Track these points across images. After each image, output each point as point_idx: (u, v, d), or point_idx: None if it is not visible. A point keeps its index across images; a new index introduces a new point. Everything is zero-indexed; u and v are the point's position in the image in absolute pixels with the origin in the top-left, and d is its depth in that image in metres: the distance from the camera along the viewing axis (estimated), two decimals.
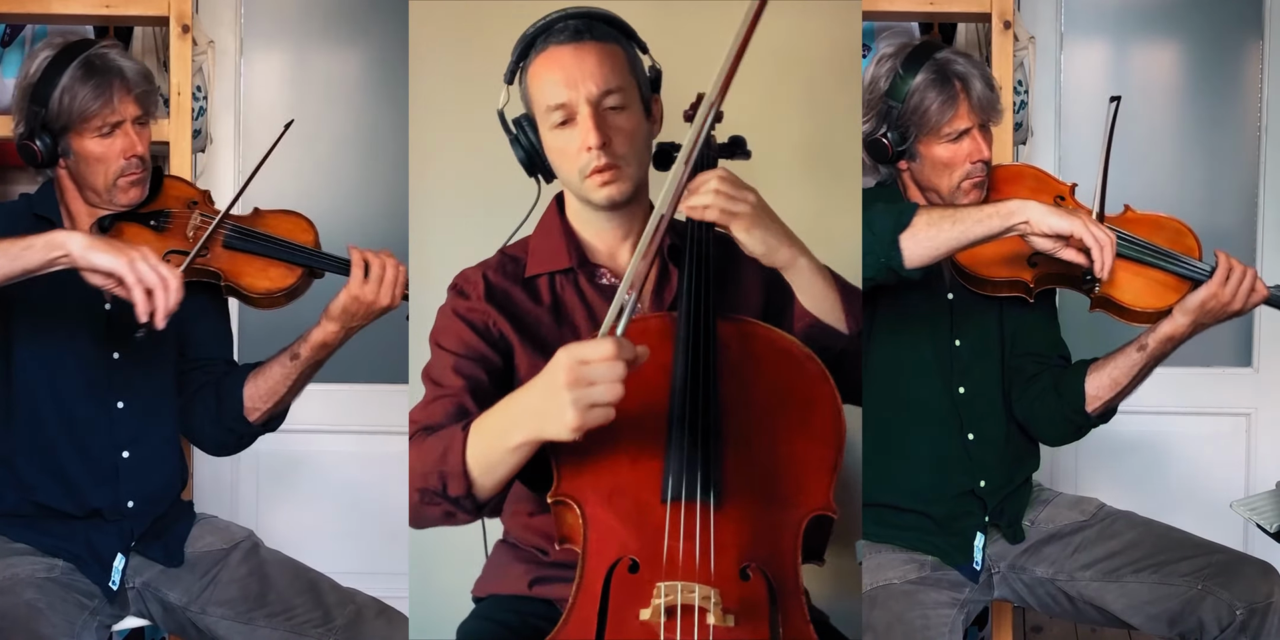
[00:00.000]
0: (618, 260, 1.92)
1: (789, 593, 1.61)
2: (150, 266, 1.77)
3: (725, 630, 1.55)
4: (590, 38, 1.81)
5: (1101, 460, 3.04)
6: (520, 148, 1.89)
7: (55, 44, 1.99)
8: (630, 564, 1.60)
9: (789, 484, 1.67)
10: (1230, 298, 1.99)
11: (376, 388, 2.90)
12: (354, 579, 2.12)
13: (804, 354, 1.73)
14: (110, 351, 2.05)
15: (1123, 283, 2.03)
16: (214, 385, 2.10)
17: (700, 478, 1.61)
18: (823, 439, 1.68)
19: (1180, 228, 2.09)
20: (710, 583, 1.57)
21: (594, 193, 1.83)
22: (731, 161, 1.93)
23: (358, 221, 2.93)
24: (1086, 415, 2.10)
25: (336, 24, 3.04)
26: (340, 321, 1.98)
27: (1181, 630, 2.03)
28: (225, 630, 2.05)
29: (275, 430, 2.14)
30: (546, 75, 1.81)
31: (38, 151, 1.97)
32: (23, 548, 2.03)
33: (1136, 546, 2.09)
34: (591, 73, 1.80)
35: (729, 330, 1.74)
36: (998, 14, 2.51)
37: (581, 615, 1.58)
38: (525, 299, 1.90)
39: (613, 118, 1.81)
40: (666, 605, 1.54)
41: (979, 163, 2.05)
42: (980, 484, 2.11)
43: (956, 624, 2.04)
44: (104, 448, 2.06)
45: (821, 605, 1.95)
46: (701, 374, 1.67)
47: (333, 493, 2.98)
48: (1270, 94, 2.99)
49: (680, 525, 1.60)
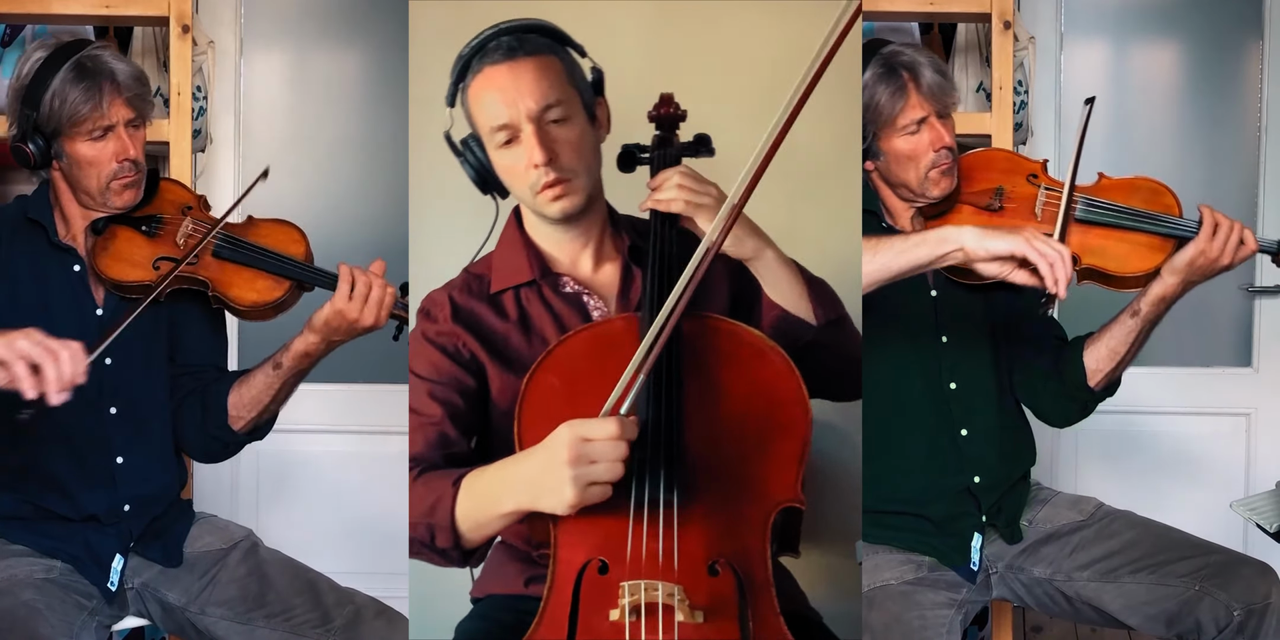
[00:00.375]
0: (579, 268, 1.93)
1: (758, 586, 1.62)
2: (31, 342, 1.71)
3: (694, 627, 1.56)
4: (523, 53, 1.81)
5: (1101, 460, 3.04)
6: (470, 168, 1.90)
7: (49, 45, 1.98)
8: (600, 565, 1.61)
9: (756, 477, 1.67)
10: (1219, 253, 1.95)
11: (376, 388, 2.91)
12: (353, 579, 2.12)
13: (768, 347, 1.72)
14: (103, 358, 2.04)
15: (1105, 250, 2.01)
16: (201, 392, 2.09)
17: (664, 476, 1.62)
18: (789, 431, 1.68)
19: (1156, 187, 2.06)
20: (677, 580, 1.58)
21: (548, 208, 1.84)
22: (695, 159, 1.94)
23: (357, 222, 2.93)
24: (1090, 390, 2.08)
25: (336, 24, 3.04)
26: (321, 334, 1.97)
27: (1179, 631, 2.03)
28: (224, 630, 2.05)
29: (261, 439, 2.13)
30: (485, 96, 1.82)
31: (31, 154, 1.96)
32: (21, 549, 2.03)
33: (1134, 546, 2.08)
34: (529, 90, 1.80)
35: (693, 328, 1.74)
36: (998, 14, 2.52)
37: (553, 617, 1.60)
38: (492, 316, 1.91)
39: (556, 131, 1.82)
40: (633, 605, 1.56)
41: (943, 150, 2.04)
42: (974, 480, 2.11)
43: (954, 624, 2.04)
44: (98, 454, 2.05)
45: (821, 606, 1.95)
46: (664, 371, 1.67)
47: (332, 493, 2.98)
48: (1270, 94, 2.99)
49: (644, 525, 1.61)
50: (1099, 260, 2.00)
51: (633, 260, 1.92)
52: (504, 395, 1.87)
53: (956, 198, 2.08)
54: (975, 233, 1.83)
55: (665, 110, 1.94)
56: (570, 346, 1.73)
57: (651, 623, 1.56)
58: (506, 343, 1.89)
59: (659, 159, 1.90)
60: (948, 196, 2.07)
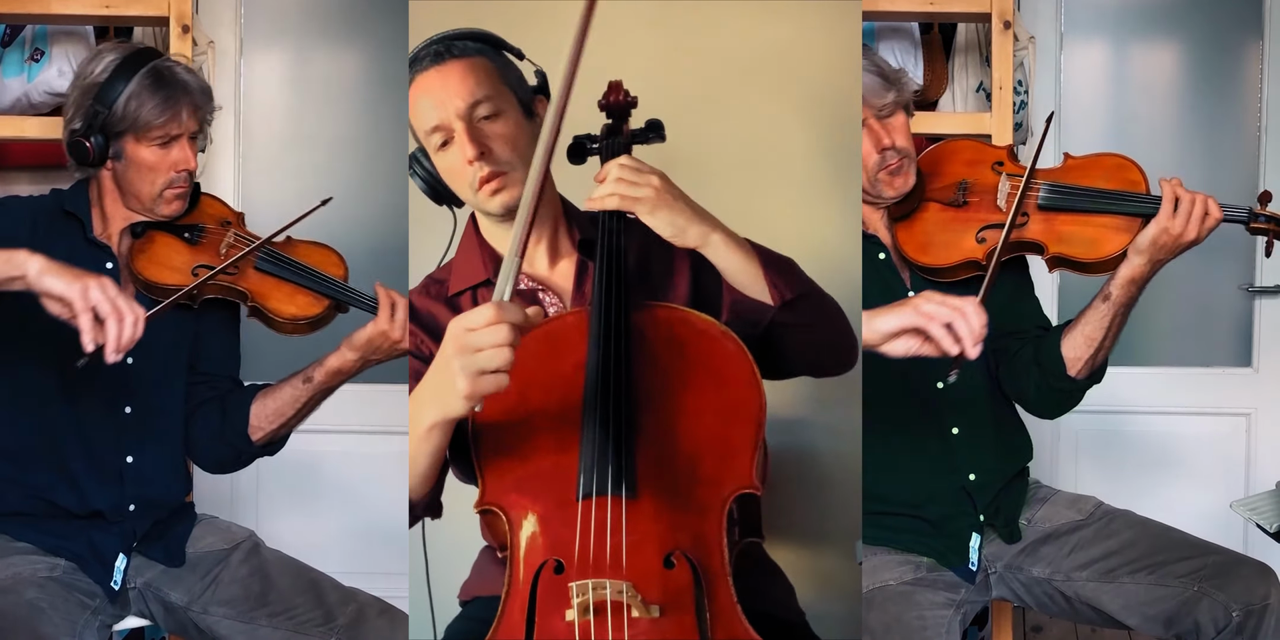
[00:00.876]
0: (535, 265, 1.94)
1: (714, 576, 1.61)
2: (105, 296, 1.75)
3: (651, 622, 1.55)
4: (451, 57, 1.84)
5: (1101, 459, 3.04)
6: (420, 180, 1.92)
7: (118, 47, 2.02)
8: (555, 565, 1.61)
9: (711, 465, 1.66)
10: (1182, 228, 1.92)
11: (376, 388, 2.90)
12: (353, 579, 2.12)
13: (719, 332, 1.71)
14: (125, 357, 2.04)
15: (1072, 236, 1.98)
16: (219, 400, 2.11)
17: (611, 471, 1.61)
18: (742, 416, 1.67)
19: (1121, 162, 2.02)
20: (629, 576, 1.57)
21: (488, 203, 1.85)
22: (646, 147, 1.93)
23: (357, 222, 2.93)
24: (1071, 379, 2.06)
25: (336, 24, 3.04)
26: (361, 352, 2.00)
27: (1178, 631, 2.02)
28: (227, 630, 2.05)
29: (273, 455, 2.15)
30: (419, 101, 1.85)
31: (90, 149, 1.98)
32: (25, 547, 2.03)
33: (1133, 546, 2.08)
34: (455, 89, 1.82)
35: (645, 318, 1.73)
36: (998, 14, 2.52)
37: (511, 620, 1.59)
38: (449, 316, 1.90)
39: (488, 127, 1.83)
40: (584, 604, 1.55)
41: (886, 151, 2.01)
42: (969, 478, 2.11)
43: (953, 625, 2.04)
44: (109, 451, 2.06)
45: (821, 606, 1.96)
46: (613, 366, 1.66)
47: (332, 493, 2.98)
48: (1270, 94, 2.99)
49: (591, 521, 1.60)
50: (1067, 248, 1.98)
51: (584, 254, 1.92)
52: None
53: (921, 195, 2.06)
54: (865, 317, 1.78)
55: (614, 98, 1.89)
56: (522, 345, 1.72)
57: (612, 622, 1.55)
58: None
59: (608, 148, 1.88)
60: (912, 195, 2.05)
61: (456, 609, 1.97)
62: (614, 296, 1.72)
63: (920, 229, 2.06)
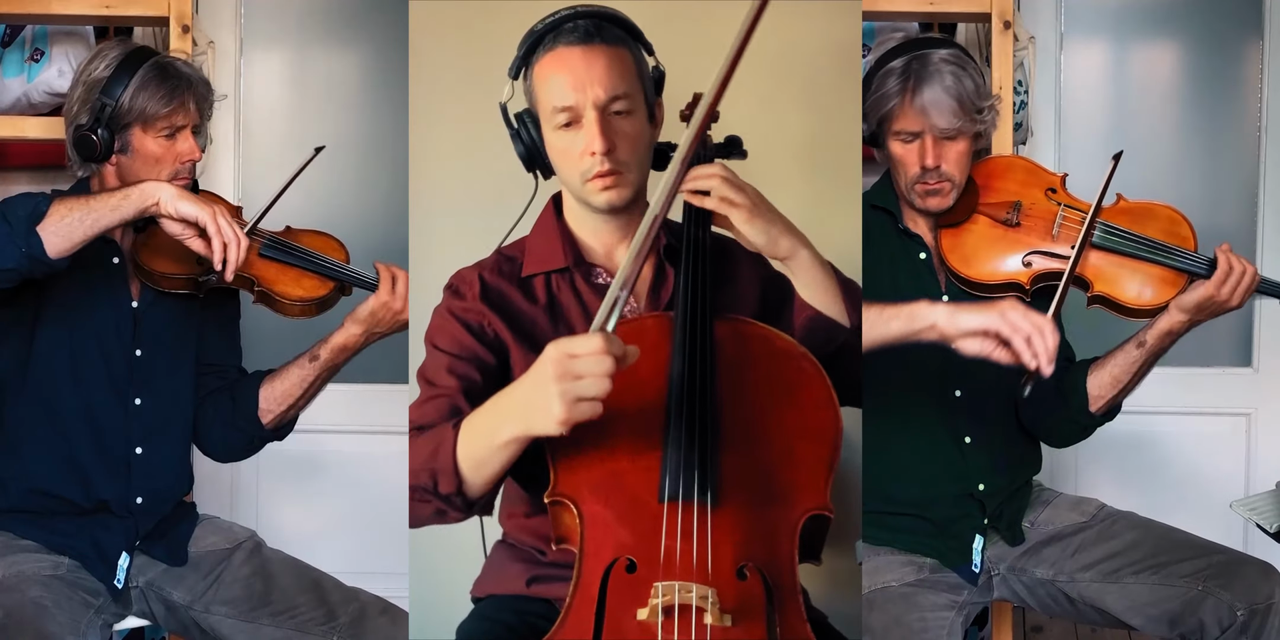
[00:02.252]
0: (614, 260, 1.92)
1: (786, 593, 1.61)
2: (228, 222, 1.91)
3: (723, 630, 1.55)
4: (600, 40, 1.80)
5: (1102, 460, 3.04)
6: (521, 143, 1.88)
7: (120, 44, 2.06)
8: (628, 564, 1.60)
9: (786, 483, 1.67)
10: (1229, 296, 1.98)
11: (376, 388, 2.90)
12: (354, 578, 2.12)
13: (799, 353, 1.72)
14: (134, 349, 2.08)
15: (1119, 279, 2.02)
16: (228, 388, 2.13)
17: (697, 477, 1.61)
18: (819, 437, 1.68)
19: (1174, 216, 2.07)
20: (708, 582, 1.57)
21: (595, 197, 1.83)
22: (728, 161, 1.93)
23: (357, 222, 2.93)
24: (1091, 415, 2.10)
25: (336, 24, 3.04)
26: (365, 325, 2.02)
27: (1182, 631, 2.03)
28: (229, 629, 2.05)
29: (281, 440, 2.17)
30: (554, 76, 1.80)
31: (97, 143, 2.01)
32: (29, 545, 2.04)
33: (1137, 547, 2.08)
34: (600, 77, 1.79)
35: (725, 330, 1.74)
36: (998, 14, 2.52)
37: (579, 615, 1.58)
38: (521, 298, 1.89)
39: (618, 123, 1.80)
40: (664, 605, 1.54)
41: (929, 170, 2.02)
42: (979, 488, 2.11)
43: (955, 626, 2.04)
44: (118, 442, 2.08)
45: (821, 606, 1.95)
46: (698, 373, 1.67)
47: (333, 492, 2.98)
48: (1270, 94, 2.99)
49: (678, 525, 1.60)
50: (1111, 289, 2.01)
51: (667, 259, 1.91)
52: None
53: (973, 206, 2.07)
54: (947, 310, 1.78)
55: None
56: None
57: (681, 624, 1.55)
58: (534, 326, 1.88)
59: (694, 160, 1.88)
60: (962, 204, 2.06)
61: (458, 608, 1.97)
62: (700, 304, 1.72)
63: (967, 241, 2.07)
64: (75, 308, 2.02)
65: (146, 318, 2.09)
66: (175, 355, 2.12)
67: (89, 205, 1.86)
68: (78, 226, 1.85)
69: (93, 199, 1.88)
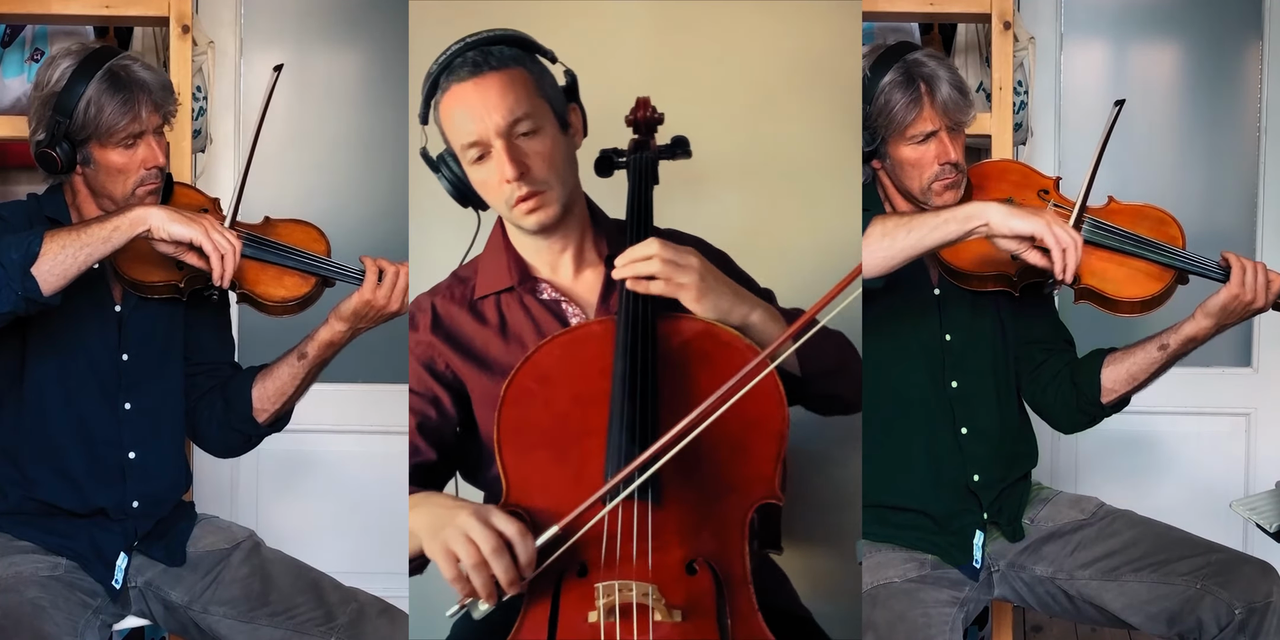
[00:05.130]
0: (559, 275, 1.96)
1: (737, 584, 1.62)
2: (220, 234, 1.90)
3: (673, 626, 1.57)
4: (489, 68, 1.82)
5: (1101, 459, 3.04)
6: (447, 182, 1.92)
7: (73, 52, 1.99)
8: (579, 568, 1.62)
9: (734, 475, 1.68)
10: (1252, 295, 1.99)
11: (376, 388, 2.90)
12: (354, 578, 2.12)
13: (744, 345, 1.74)
14: (120, 353, 2.06)
15: (1106, 273, 2.02)
16: (220, 389, 2.12)
17: (637, 476, 1.62)
18: (765, 428, 1.70)
19: (1162, 216, 2.07)
20: (654, 580, 1.59)
21: (523, 221, 1.86)
22: (673, 161, 1.94)
23: (357, 222, 2.93)
24: (1101, 406, 2.11)
25: (336, 24, 3.04)
26: (349, 322, 2.00)
27: (1180, 630, 2.03)
28: (227, 630, 2.05)
29: (280, 430, 2.15)
30: (454, 114, 1.84)
31: (58, 159, 1.97)
32: (26, 546, 2.03)
33: (1136, 545, 2.09)
34: (495, 105, 1.81)
35: (670, 328, 1.75)
36: (998, 14, 2.52)
37: (534, 621, 1.61)
38: (471, 322, 1.94)
39: (526, 145, 1.83)
40: (609, 605, 1.56)
41: (947, 165, 2.04)
42: (974, 479, 2.11)
43: (956, 622, 2.04)
44: (111, 448, 2.07)
45: (821, 605, 1.96)
46: (640, 375, 1.68)
47: (333, 492, 2.98)
48: (1270, 94, 2.99)
49: (618, 525, 1.62)
50: (1098, 282, 2.02)
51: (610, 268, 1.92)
52: (483, 401, 1.91)
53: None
54: (1001, 210, 1.86)
55: (642, 114, 1.94)
56: (547, 351, 1.75)
57: (636, 623, 1.57)
58: (486, 350, 1.92)
59: (636, 163, 1.91)
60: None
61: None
62: (640, 306, 1.74)
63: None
64: (60, 317, 1.98)
65: (131, 321, 2.07)
66: (163, 357, 2.10)
67: (80, 239, 1.84)
68: (71, 262, 1.84)
69: (83, 231, 1.85)
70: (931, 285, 2.13)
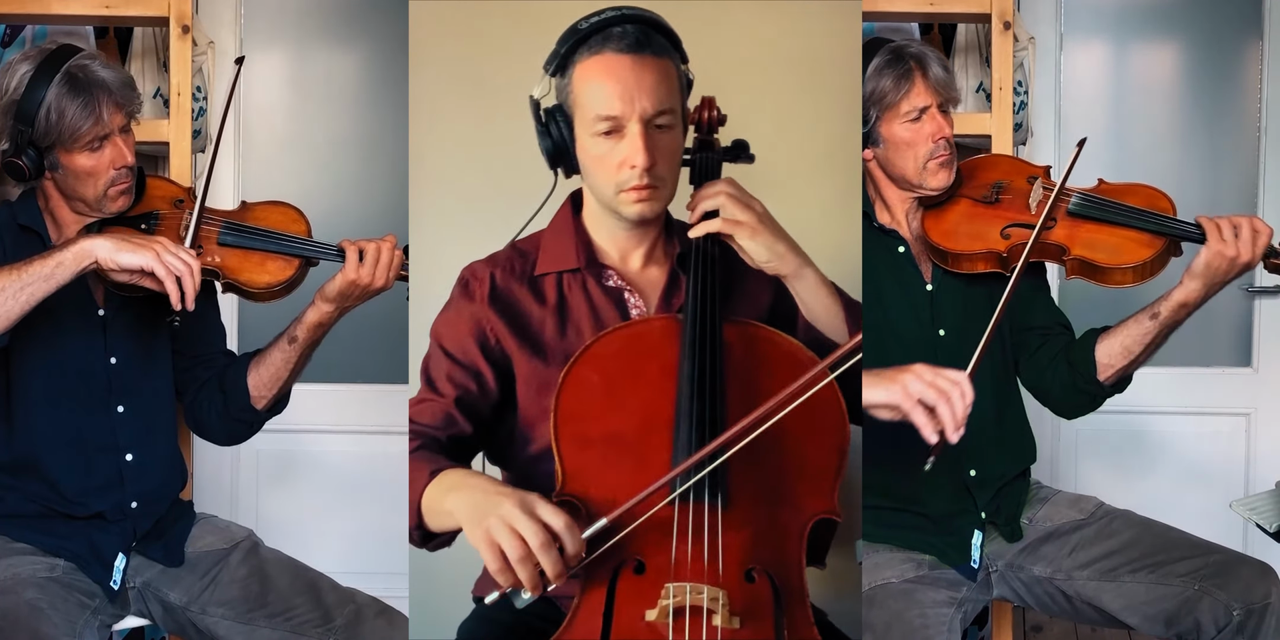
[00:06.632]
0: (628, 264, 1.92)
1: (794, 595, 1.61)
2: (173, 255, 1.86)
3: (731, 632, 1.55)
4: (650, 51, 1.76)
5: (1101, 459, 3.04)
6: (549, 139, 1.83)
7: (31, 56, 1.96)
8: (636, 565, 1.60)
9: (794, 487, 1.67)
10: (1235, 250, 1.94)
11: (376, 388, 2.91)
12: (354, 579, 2.12)
13: (809, 358, 1.73)
14: (108, 357, 2.05)
15: (1096, 243, 2.02)
16: (217, 379, 2.11)
17: (708, 480, 1.61)
18: (828, 442, 1.69)
19: (1153, 192, 2.07)
20: (717, 584, 1.57)
21: (627, 208, 1.81)
22: (735, 165, 1.93)
23: (357, 222, 2.93)
24: (1099, 384, 2.08)
25: (336, 24, 3.04)
26: (336, 303, 1.99)
27: (1179, 630, 2.03)
28: (225, 630, 2.05)
29: (281, 413, 2.15)
30: (599, 82, 1.76)
31: (25, 168, 1.95)
32: (24, 547, 2.03)
33: (1134, 546, 2.09)
34: (649, 90, 1.75)
35: (734, 333, 1.75)
36: (998, 14, 2.51)
37: (587, 615, 1.58)
38: (529, 299, 1.89)
39: (660, 137, 1.77)
40: (674, 606, 1.54)
41: (941, 140, 2.05)
42: (970, 474, 2.11)
43: (954, 623, 2.04)
44: (107, 453, 2.06)
45: (820, 605, 1.96)
46: (707, 374, 1.67)
47: (332, 493, 2.98)
48: (1270, 94, 2.99)
49: (689, 526, 1.60)
50: (1089, 251, 2.01)
51: (679, 266, 1.91)
52: (529, 382, 1.87)
53: (956, 191, 2.10)
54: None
55: (707, 113, 1.90)
56: (608, 343, 1.73)
57: (691, 625, 1.55)
58: (540, 329, 1.88)
59: (700, 163, 1.88)
60: (948, 190, 2.09)
61: (458, 608, 1.97)
62: (709, 305, 1.73)
63: (949, 218, 2.10)
64: (43, 325, 1.96)
65: (115, 323, 2.06)
66: (151, 356, 2.09)
67: (21, 278, 1.82)
68: (13, 303, 1.82)
69: (24, 270, 1.83)
70: (924, 283, 2.13)
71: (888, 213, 2.15)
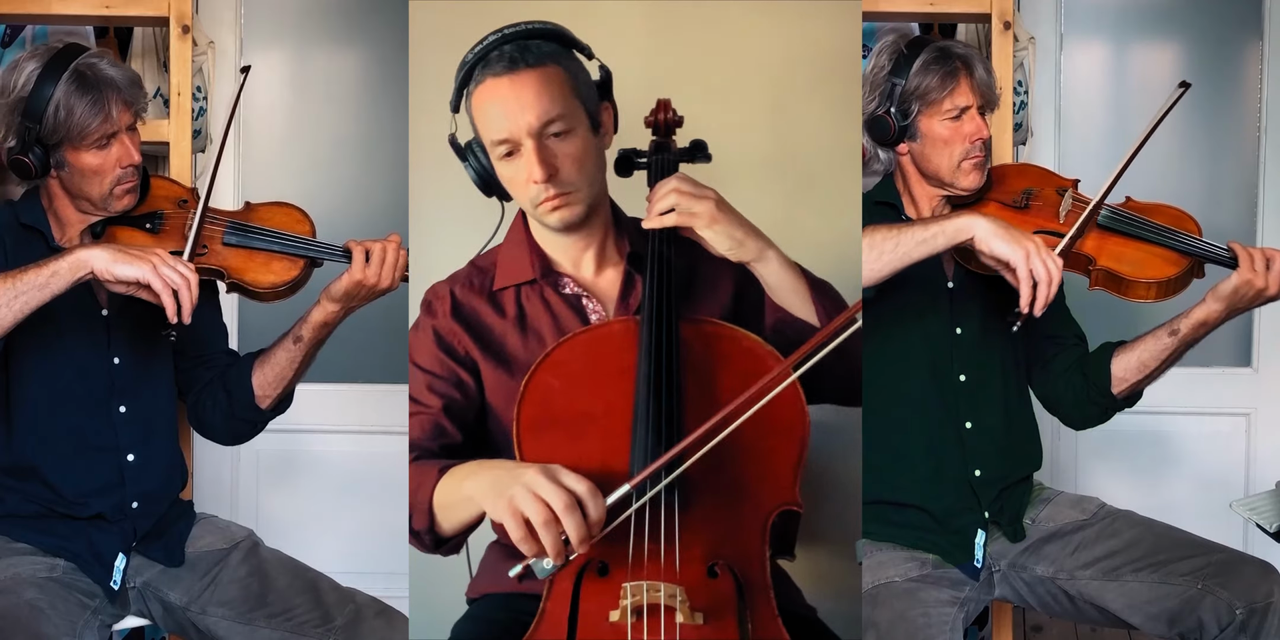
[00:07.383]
0: (581, 270, 1.95)
1: (757, 589, 1.63)
2: (171, 267, 1.85)
3: (694, 628, 1.57)
4: (525, 65, 1.80)
5: (1102, 459, 3.04)
6: (474, 172, 1.91)
7: (39, 54, 1.96)
8: (599, 566, 1.62)
9: (754, 480, 1.69)
10: (1264, 282, 1.98)
11: (376, 388, 2.91)
12: (354, 579, 2.12)
13: (767, 352, 1.74)
14: (110, 357, 2.05)
15: (1123, 256, 2.04)
16: (220, 379, 2.11)
17: (664, 479, 1.61)
18: (786, 435, 1.70)
19: (1180, 213, 2.09)
20: (677, 581, 1.59)
21: (547, 218, 1.86)
22: (694, 165, 1.94)
23: (358, 222, 2.93)
24: (1113, 397, 2.10)
25: (336, 24, 3.04)
26: (341, 302, 2.00)
27: (1181, 630, 2.03)
28: (225, 630, 2.05)
29: (284, 412, 2.15)
30: (487, 108, 1.82)
31: (31, 166, 1.95)
32: (24, 547, 2.03)
33: (1136, 546, 2.09)
34: (529, 105, 1.79)
35: (692, 332, 1.76)
36: (998, 14, 2.51)
37: (553, 618, 1.61)
38: (491, 313, 1.93)
39: (557, 146, 1.81)
40: (634, 605, 1.56)
41: (979, 141, 2.06)
42: (975, 474, 2.11)
43: (957, 622, 2.04)
44: (108, 454, 2.06)
45: (821, 604, 1.96)
46: (664, 374, 1.69)
47: (332, 492, 2.98)
48: (1270, 94, 2.99)
49: (645, 526, 1.62)
50: (1115, 263, 2.03)
51: (632, 266, 1.93)
52: (497, 392, 1.90)
53: (984, 194, 2.11)
54: (988, 228, 1.87)
55: (662, 116, 1.95)
56: (569, 348, 1.75)
57: (652, 624, 1.57)
58: (503, 341, 1.92)
59: (656, 164, 1.91)
60: (977, 191, 2.10)
61: (457, 609, 1.97)
62: (665, 307, 1.74)
63: None
64: (45, 325, 1.95)
65: (118, 324, 2.05)
66: (153, 356, 2.09)
67: (15, 286, 1.81)
68: (6, 311, 1.82)
69: (18, 278, 1.82)
70: (946, 281, 2.13)
71: (914, 208, 2.15)
